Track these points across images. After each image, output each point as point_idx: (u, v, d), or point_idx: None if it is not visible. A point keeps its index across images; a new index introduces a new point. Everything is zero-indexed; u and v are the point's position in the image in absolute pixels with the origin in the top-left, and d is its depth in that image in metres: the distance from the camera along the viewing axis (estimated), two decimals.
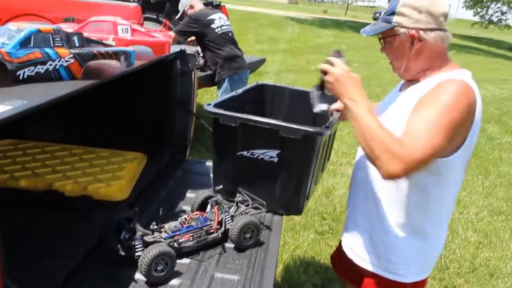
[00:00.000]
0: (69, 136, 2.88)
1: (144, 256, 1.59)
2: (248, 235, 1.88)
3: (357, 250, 1.99)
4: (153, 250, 1.60)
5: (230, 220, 1.94)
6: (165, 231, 1.82)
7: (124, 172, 2.44)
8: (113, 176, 2.38)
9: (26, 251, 1.71)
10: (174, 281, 1.64)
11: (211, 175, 2.40)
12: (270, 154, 2.08)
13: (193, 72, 2.87)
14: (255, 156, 2.11)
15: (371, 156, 1.56)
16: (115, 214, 1.86)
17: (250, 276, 1.70)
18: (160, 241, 1.74)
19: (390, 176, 1.52)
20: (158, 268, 1.61)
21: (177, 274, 1.68)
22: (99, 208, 2.10)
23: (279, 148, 2.06)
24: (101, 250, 1.76)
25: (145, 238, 1.73)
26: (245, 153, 2.13)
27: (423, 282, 1.95)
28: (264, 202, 2.05)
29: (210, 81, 5.18)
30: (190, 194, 2.38)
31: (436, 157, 1.58)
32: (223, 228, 1.91)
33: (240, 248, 1.88)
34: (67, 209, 2.06)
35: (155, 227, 1.78)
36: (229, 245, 1.91)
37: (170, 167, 2.75)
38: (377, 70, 12.26)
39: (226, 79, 5.00)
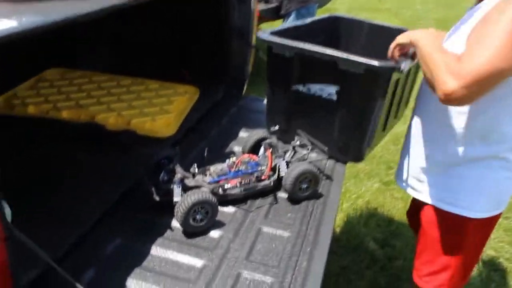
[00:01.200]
0: (119, 66, 2.69)
1: (181, 202, 1.38)
2: (304, 185, 1.62)
3: (413, 183, 1.71)
4: (191, 197, 1.39)
5: (285, 167, 1.69)
6: (210, 175, 1.60)
7: (172, 106, 2.24)
8: (161, 110, 2.18)
9: (57, 188, 1.56)
10: (214, 233, 1.44)
11: None
12: (329, 91, 1.79)
13: (252, 0, 2.54)
14: (311, 93, 1.83)
15: (430, 79, 1.36)
16: (158, 152, 1.66)
17: (303, 233, 1.45)
18: (202, 186, 1.53)
19: (447, 96, 1.28)
20: (197, 217, 1.40)
21: (219, 225, 1.47)
22: (142, 144, 1.91)
23: (338, 84, 1.76)
24: (138, 191, 1.58)
25: (186, 181, 1.52)
26: (300, 87, 1.85)
27: (493, 220, 1.64)
28: (325, 148, 1.76)
29: (274, 15, 4.79)
30: (243, 134, 2.13)
31: (499, 76, 1.28)
32: (276, 175, 1.67)
33: (294, 200, 1.64)
34: (108, 143, 1.89)
35: (196, 170, 1.56)
36: (281, 195, 1.67)
37: (225, 103, 2.49)
38: (457, 12, 11.10)
39: (293, 13, 4.59)
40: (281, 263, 1.32)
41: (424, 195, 1.66)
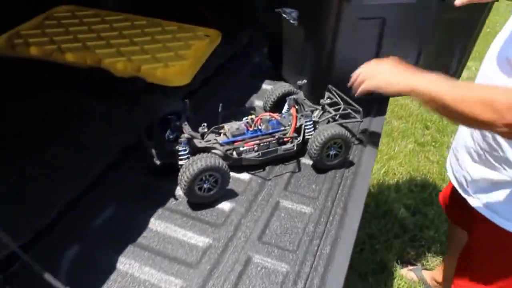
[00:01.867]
0: (136, 6, 2.43)
1: (186, 168, 1.18)
2: (333, 152, 1.39)
3: (469, 187, 1.44)
4: (198, 162, 1.17)
5: (312, 128, 1.45)
6: (225, 134, 1.38)
7: (189, 52, 2.00)
8: (175, 56, 1.95)
9: (53, 140, 1.38)
10: (224, 205, 1.23)
11: None
12: (293, 15, 1.67)
13: None
14: (285, 15, 1.72)
15: (474, 124, 1.09)
16: (164, 106, 1.44)
17: (329, 210, 1.24)
18: (213, 148, 1.31)
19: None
20: (204, 186, 1.20)
21: (230, 195, 1.26)
22: (151, 95, 1.70)
23: (298, 6, 1.65)
24: (141, 149, 1.37)
25: (195, 142, 1.31)
26: (281, 11, 1.74)
27: None
28: (360, 109, 1.51)
29: None
30: (266, 87, 1.89)
31: None
32: (300, 138, 1.43)
33: (319, 168, 1.41)
34: (113, 92, 1.68)
35: (206, 130, 1.34)
36: (305, 161, 1.44)
37: (249, 49, 2.23)
38: None
39: None
40: (300, 247, 1.11)
41: (482, 205, 1.39)
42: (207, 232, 1.13)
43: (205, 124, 1.33)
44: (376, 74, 1.24)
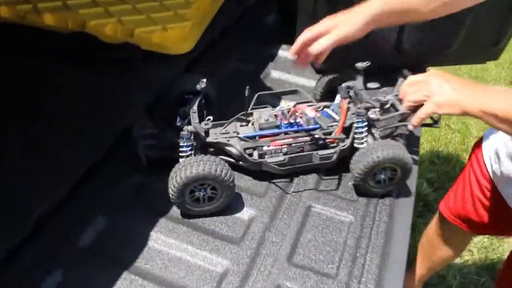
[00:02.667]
0: None
1: (173, 175, 0.91)
2: (383, 176, 1.02)
3: None
4: (188, 169, 0.89)
5: (364, 133, 1.06)
6: (252, 123, 1.07)
7: (191, 10, 1.70)
8: (175, 16, 1.65)
9: (25, 127, 1.12)
10: (242, 213, 0.98)
11: None
12: None
13: None
14: None
15: None
16: (180, 82, 1.16)
17: (372, 216, 0.99)
18: (227, 144, 1.02)
19: None
20: (200, 196, 0.93)
21: (248, 199, 1.00)
22: (147, 64, 1.42)
23: None
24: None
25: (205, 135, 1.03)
26: None
27: None
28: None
29: None
30: (283, 53, 1.58)
31: None
32: (348, 143, 1.05)
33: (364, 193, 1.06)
34: (101, 62, 1.39)
35: (210, 125, 1.02)
36: None
37: (259, 7, 1.91)
38: None
39: None
40: (340, 270, 0.88)
41: None
42: (224, 250, 0.89)
43: (211, 118, 1.03)
44: (434, 95, 0.95)
